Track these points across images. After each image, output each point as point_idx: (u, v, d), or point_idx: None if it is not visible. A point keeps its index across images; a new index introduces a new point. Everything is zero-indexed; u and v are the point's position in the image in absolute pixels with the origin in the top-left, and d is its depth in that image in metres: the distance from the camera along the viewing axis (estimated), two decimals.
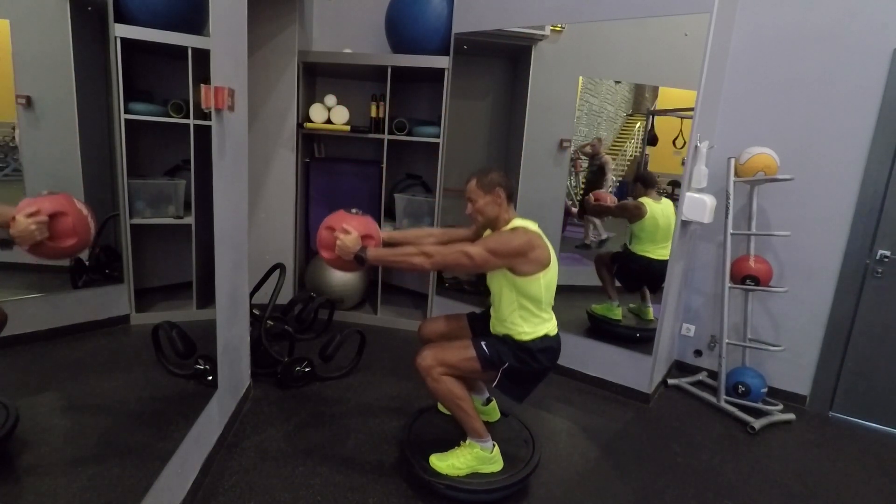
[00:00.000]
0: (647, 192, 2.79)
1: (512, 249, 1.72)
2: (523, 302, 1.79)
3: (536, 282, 1.76)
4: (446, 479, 1.79)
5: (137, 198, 1.84)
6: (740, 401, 2.65)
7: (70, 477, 1.41)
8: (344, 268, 1.95)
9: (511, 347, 1.80)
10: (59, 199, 1.24)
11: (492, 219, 1.84)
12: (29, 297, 1.46)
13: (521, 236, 1.74)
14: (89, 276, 1.66)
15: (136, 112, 1.78)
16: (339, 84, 3.57)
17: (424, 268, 1.76)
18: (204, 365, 1.94)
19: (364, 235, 1.87)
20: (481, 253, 1.70)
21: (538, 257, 1.74)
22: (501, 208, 1.83)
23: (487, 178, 1.81)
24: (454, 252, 1.73)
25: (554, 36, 2.87)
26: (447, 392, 1.77)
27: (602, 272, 3.01)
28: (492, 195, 1.81)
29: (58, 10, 1.47)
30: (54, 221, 1.20)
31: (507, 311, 1.82)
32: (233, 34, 1.92)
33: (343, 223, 1.86)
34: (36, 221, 1.16)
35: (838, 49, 2.54)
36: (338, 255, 1.85)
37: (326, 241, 1.90)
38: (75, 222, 1.24)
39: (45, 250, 1.21)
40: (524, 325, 1.81)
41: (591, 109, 3.02)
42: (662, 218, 2.71)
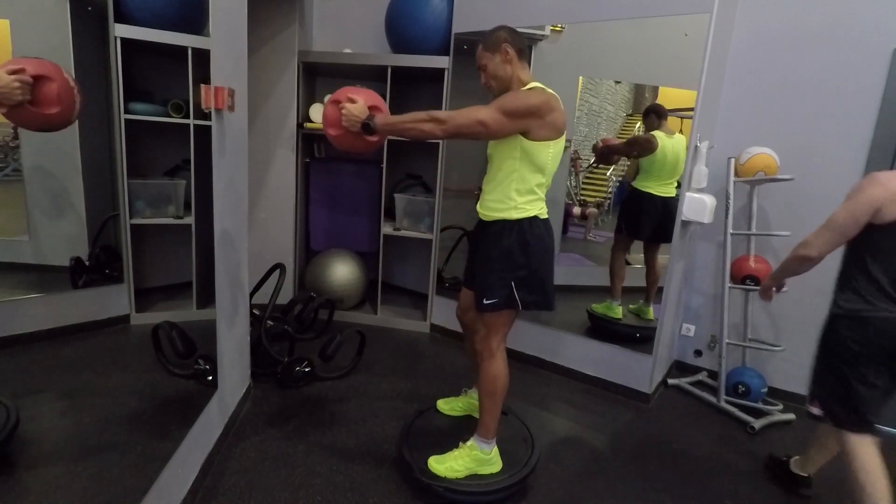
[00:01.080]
0: (661, 123, 2.72)
1: (529, 107, 1.59)
2: (525, 173, 1.67)
3: (546, 149, 1.64)
4: (444, 481, 1.79)
5: (137, 198, 1.84)
6: (740, 401, 2.65)
7: (70, 477, 1.41)
8: (354, 144, 1.80)
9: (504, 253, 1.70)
10: (47, 63, 1.17)
11: (506, 80, 1.71)
12: (29, 297, 1.46)
13: (537, 94, 1.62)
14: (89, 276, 1.66)
15: (136, 112, 1.78)
16: (339, 84, 3.52)
17: (435, 135, 1.62)
18: (204, 365, 1.94)
19: (371, 106, 1.77)
20: (495, 116, 1.57)
21: (555, 121, 1.62)
22: (514, 67, 1.70)
23: (492, 36, 1.70)
24: (467, 118, 1.59)
25: (554, 36, 2.87)
26: (497, 377, 1.76)
27: (616, 262, 2.93)
28: (499, 54, 1.70)
29: (58, 10, 1.47)
30: (38, 85, 1.12)
31: (506, 181, 1.70)
32: (233, 34, 1.92)
33: (348, 94, 1.76)
34: (18, 79, 1.08)
35: (838, 49, 2.54)
36: (345, 129, 1.74)
37: (332, 117, 1.77)
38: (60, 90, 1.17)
39: (26, 115, 1.14)
40: (519, 198, 1.69)
41: (591, 109, 3.02)
42: (671, 153, 2.66)
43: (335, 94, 1.82)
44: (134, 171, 1.78)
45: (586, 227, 3.27)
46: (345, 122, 1.72)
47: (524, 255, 1.70)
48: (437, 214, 3.24)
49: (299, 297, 2.95)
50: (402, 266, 3.88)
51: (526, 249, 1.70)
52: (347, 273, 3.36)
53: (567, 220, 3.20)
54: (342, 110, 1.72)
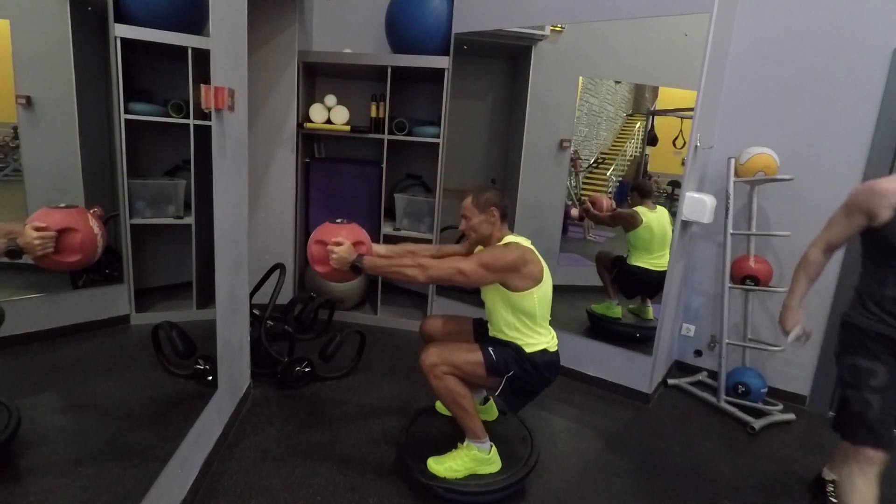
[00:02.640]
0: (644, 201, 2.81)
1: (505, 264, 1.74)
2: (519, 316, 1.81)
3: (530, 297, 1.78)
4: (444, 482, 1.79)
5: (137, 198, 1.84)
6: (740, 401, 2.65)
7: (70, 477, 1.41)
8: (341, 279, 1.97)
9: (515, 356, 1.81)
10: (72, 214, 1.28)
11: (485, 236, 1.87)
12: (29, 297, 1.46)
13: (513, 251, 1.76)
14: (89, 276, 1.66)
15: (136, 112, 1.78)
16: (339, 84, 3.57)
17: (418, 280, 1.77)
18: (204, 365, 1.94)
19: (355, 243, 1.89)
20: (474, 268, 1.73)
21: (531, 272, 1.77)
22: (495, 227, 1.86)
23: (483, 197, 1.84)
24: (448, 267, 1.75)
25: (554, 36, 2.87)
26: (449, 390, 1.78)
27: (602, 272, 3.01)
28: (486, 214, 1.84)
29: (58, 10, 1.47)
30: (63, 236, 1.24)
31: (502, 325, 1.85)
32: (233, 34, 1.92)
33: (332, 235, 1.88)
34: (41, 237, 1.20)
35: (838, 49, 2.54)
36: (334, 268, 1.86)
37: (319, 256, 1.91)
38: (83, 240, 1.28)
39: (49, 263, 1.25)
40: (521, 336, 1.83)
41: (591, 109, 3.02)
42: (658, 227, 2.73)
43: (318, 234, 1.94)
44: (134, 171, 1.78)
45: (585, 227, 3.27)
46: (334, 265, 1.85)
47: (536, 372, 1.82)
48: (437, 214, 3.24)
49: (299, 297, 2.95)
50: None
51: (538, 369, 1.82)
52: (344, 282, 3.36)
53: (567, 220, 3.20)
54: (331, 254, 1.83)
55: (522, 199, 3.08)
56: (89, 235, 1.30)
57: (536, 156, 3.07)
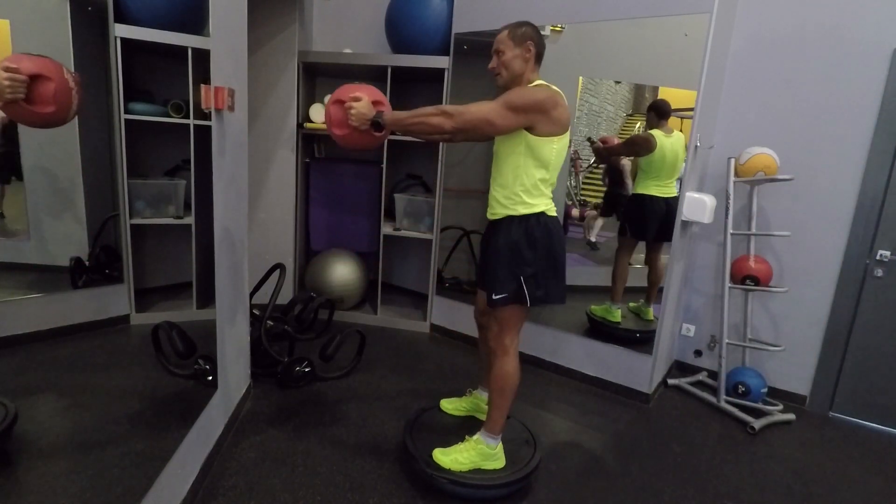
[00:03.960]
0: (660, 123, 2.70)
1: (535, 102, 1.62)
2: (530, 168, 1.69)
3: (550, 145, 1.67)
4: (449, 473, 1.79)
5: (137, 198, 1.84)
6: (740, 401, 2.65)
7: (70, 477, 1.41)
8: (361, 141, 1.80)
9: (512, 249, 1.71)
10: (45, 62, 1.17)
11: (516, 75, 1.74)
12: (29, 297, 1.46)
13: (544, 90, 1.65)
14: (89, 276, 1.66)
15: (136, 112, 1.78)
16: (339, 84, 3.55)
17: (444, 129, 1.65)
18: (204, 365, 1.94)
19: (374, 101, 1.77)
20: (501, 111, 1.61)
21: (559, 117, 1.65)
22: (528, 66, 1.73)
23: (520, 30, 1.72)
24: (475, 113, 1.62)
25: (554, 36, 2.87)
26: (509, 375, 1.77)
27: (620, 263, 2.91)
28: (522, 48, 1.71)
29: (58, 10, 1.47)
30: (35, 84, 1.13)
31: (512, 177, 1.72)
32: (233, 34, 1.92)
33: (350, 92, 1.77)
34: (11, 78, 1.09)
35: (838, 49, 2.54)
36: (353, 128, 1.74)
37: (337, 117, 1.77)
38: (57, 90, 1.17)
39: (21, 112, 1.14)
40: (525, 196, 1.72)
41: (591, 109, 3.02)
42: (670, 153, 2.64)
43: (337, 94, 1.82)
44: (134, 171, 1.77)
45: (585, 227, 3.27)
46: (353, 122, 1.73)
47: (532, 249, 1.72)
48: (437, 214, 3.24)
49: (299, 297, 2.95)
50: (402, 266, 3.88)
51: (533, 244, 1.72)
52: (347, 273, 3.36)
53: (567, 220, 3.20)
54: (349, 110, 1.73)
55: None
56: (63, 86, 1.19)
57: None
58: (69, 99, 1.21)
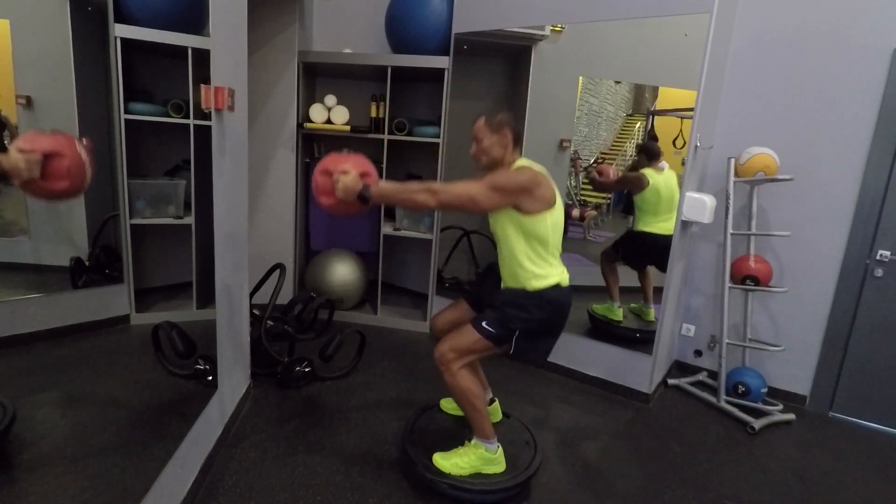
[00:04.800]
0: (651, 163, 2.75)
1: (517, 185, 1.67)
2: (531, 244, 1.74)
3: (543, 221, 1.72)
4: (449, 478, 1.79)
5: (137, 198, 1.84)
6: (740, 401, 2.65)
7: (70, 477, 1.41)
8: (348, 211, 1.85)
9: (520, 303, 1.75)
10: (58, 139, 1.21)
11: (496, 160, 1.79)
12: (29, 297, 1.46)
13: (525, 173, 1.70)
14: (89, 276, 1.66)
15: (136, 112, 1.78)
16: (339, 84, 3.57)
17: (429, 205, 1.69)
18: (204, 365, 1.94)
19: (362, 174, 1.80)
20: (485, 192, 1.66)
21: (544, 195, 1.70)
22: (507, 150, 1.79)
23: (496, 118, 1.77)
24: (459, 192, 1.68)
25: (554, 36, 2.87)
26: (464, 388, 1.76)
27: (606, 269, 2.97)
28: (499, 135, 1.77)
29: (58, 10, 1.47)
30: (49, 161, 1.17)
31: (514, 255, 1.77)
32: (233, 34, 1.92)
33: (338, 165, 1.78)
34: (26, 160, 1.13)
35: (838, 49, 2.54)
36: (340, 199, 1.77)
37: (324, 187, 1.80)
38: (70, 165, 1.20)
39: (36, 189, 1.18)
40: (534, 268, 1.75)
41: (591, 109, 3.02)
42: (665, 189, 2.68)
43: (324, 164, 1.84)
44: (134, 171, 1.78)
45: (585, 227, 3.27)
46: (339, 194, 1.76)
47: (540, 312, 1.76)
48: (438, 214, 3.24)
49: (299, 297, 2.95)
50: (402, 266, 3.88)
51: (542, 309, 1.76)
52: (347, 273, 3.36)
53: (567, 220, 3.20)
54: (337, 182, 1.75)
55: None
56: (77, 161, 1.22)
57: (536, 156, 3.02)
58: (83, 172, 1.26)
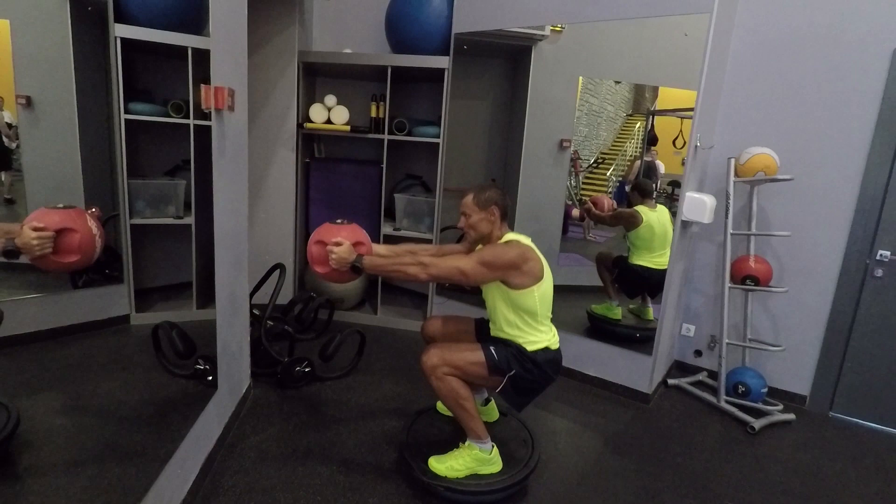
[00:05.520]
0: (644, 200, 2.81)
1: (505, 262, 1.74)
2: (520, 314, 1.81)
3: (531, 295, 1.78)
4: (445, 481, 1.79)
5: (137, 198, 1.84)
6: (740, 401, 2.65)
7: (70, 477, 1.41)
8: (340, 279, 1.96)
9: (516, 355, 1.81)
10: (70, 215, 1.27)
11: (485, 235, 1.87)
12: (29, 297, 1.46)
13: (513, 248, 1.77)
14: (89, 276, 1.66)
15: (136, 112, 1.78)
16: (339, 84, 3.57)
17: (419, 278, 1.77)
18: (204, 365, 1.94)
19: (355, 243, 1.88)
20: (475, 267, 1.73)
21: (531, 270, 1.77)
22: (495, 226, 1.86)
23: (484, 195, 1.84)
24: (449, 266, 1.75)
25: (554, 36, 2.87)
26: (451, 391, 1.77)
27: (603, 272, 3.01)
28: (486, 212, 1.84)
29: (58, 10, 1.47)
30: (60, 236, 1.23)
31: (503, 323, 1.85)
32: (233, 34, 1.92)
33: (332, 236, 1.87)
34: (39, 237, 1.19)
35: (838, 49, 2.54)
36: (334, 269, 1.85)
37: (319, 257, 1.91)
38: (81, 241, 1.27)
39: (48, 263, 1.24)
40: (523, 334, 1.83)
41: (591, 109, 3.02)
42: (658, 226, 2.73)
43: (318, 234, 1.93)
44: (134, 171, 1.77)
45: (584, 227, 3.27)
46: (333, 265, 1.83)
47: (538, 371, 1.82)
48: (437, 214, 3.24)
49: (299, 297, 2.95)
50: None
51: (540, 368, 1.82)
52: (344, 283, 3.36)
53: (567, 220, 3.20)
54: (331, 253, 1.82)
55: (522, 199, 3.08)
56: (88, 236, 1.29)
57: (536, 156, 3.07)
58: (93, 245, 1.32)
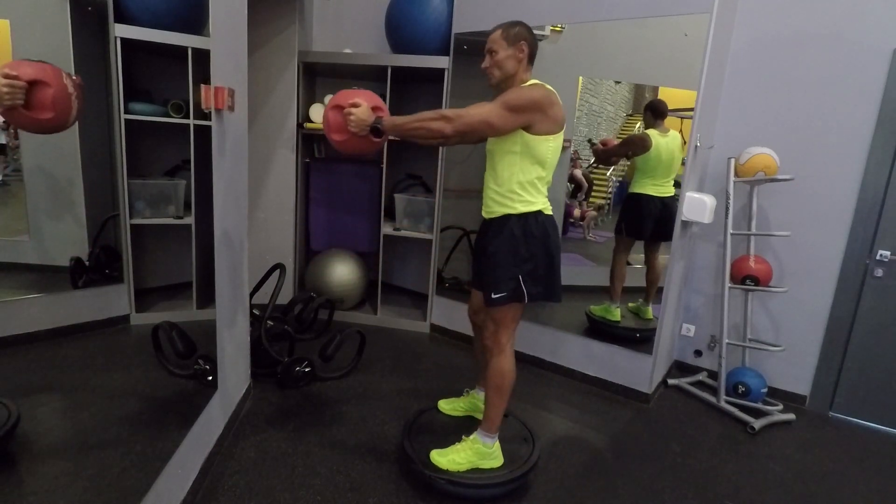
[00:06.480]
0: (656, 122, 2.71)
1: (532, 101, 1.63)
2: (527, 166, 1.70)
3: (546, 143, 1.69)
4: (446, 474, 1.79)
5: (137, 198, 1.84)
6: (740, 401, 2.65)
7: (70, 477, 1.41)
8: (360, 146, 1.82)
9: (509, 240, 1.72)
10: (45, 68, 1.18)
11: (509, 75, 1.74)
12: (29, 297, 1.46)
13: (539, 89, 1.67)
14: (89, 276, 1.66)
15: (136, 112, 1.78)
16: (339, 84, 3.55)
17: (444, 133, 1.65)
18: (204, 365, 1.94)
19: (373, 107, 1.78)
20: (501, 113, 1.62)
21: (556, 115, 1.67)
22: (521, 65, 1.74)
23: (514, 29, 1.72)
24: (474, 116, 1.63)
25: (554, 36, 2.87)
26: (506, 373, 1.78)
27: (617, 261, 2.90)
28: (515, 48, 1.72)
29: (58, 10, 1.47)
30: (33, 90, 1.14)
31: (506, 176, 1.72)
32: (233, 34, 1.92)
33: (348, 99, 1.77)
34: (10, 84, 1.10)
35: (838, 49, 2.54)
36: (352, 134, 1.75)
37: (336, 123, 1.78)
38: (56, 96, 1.18)
39: (20, 118, 1.16)
40: (520, 191, 1.72)
41: (591, 109, 3.02)
42: (666, 152, 2.67)
43: (335, 99, 1.83)
44: (134, 171, 1.77)
45: (585, 227, 3.27)
46: (352, 128, 1.74)
47: (529, 247, 1.73)
48: (437, 214, 3.24)
49: (299, 297, 2.95)
50: (402, 266, 3.88)
51: (531, 242, 1.73)
52: (347, 273, 3.36)
53: (567, 220, 3.20)
54: (349, 115, 1.74)
55: None
56: (63, 92, 1.19)
57: None
58: (68, 105, 1.22)
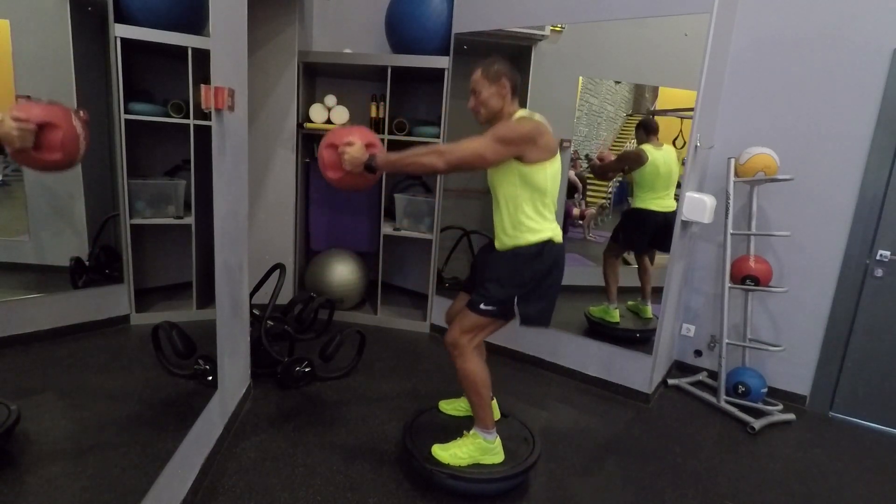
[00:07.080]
0: (649, 138, 2.76)
1: (522, 134, 1.67)
2: (528, 195, 1.74)
3: (543, 171, 1.72)
4: (448, 468, 1.80)
5: (137, 198, 1.84)
6: (740, 401, 2.65)
7: (70, 477, 1.41)
8: (355, 184, 1.85)
9: (516, 263, 1.75)
10: (54, 109, 1.20)
11: (495, 112, 1.78)
12: (29, 297, 1.46)
13: (528, 122, 1.70)
14: (89, 276, 1.66)
15: (136, 112, 1.78)
16: (339, 84, 3.57)
17: (437, 167, 1.69)
18: (204, 365, 1.94)
19: (367, 144, 1.81)
20: (491, 145, 1.66)
21: (547, 143, 1.71)
22: (505, 101, 1.78)
23: (493, 68, 1.76)
24: (466, 149, 1.67)
25: (554, 36, 2.87)
26: (473, 373, 1.78)
27: (608, 264, 2.94)
28: (497, 85, 1.75)
29: (58, 10, 1.47)
30: (43, 132, 1.15)
31: (511, 209, 1.77)
32: (233, 34, 1.92)
33: (342, 137, 1.80)
34: (20, 128, 1.12)
35: (838, 49, 2.54)
36: (347, 172, 1.78)
37: (331, 161, 1.82)
38: (64, 137, 1.19)
39: (29, 160, 1.17)
40: (529, 222, 1.75)
41: (591, 109, 3.02)
42: (663, 165, 2.69)
43: (329, 138, 1.86)
44: (134, 171, 1.78)
45: (584, 227, 3.27)
46: (347, 166, 1.77)
47: (535, 274, 1.76)
48: (437, 214, 3.24)
49: (299, 297, 2.95)
50: (402, 266, 3.88)
51: (537, 270, 1.76)
52: (347, 273, 3.36)
53: (567, 220, 3.20)
54: (343, 154, 1.76)
55: None
56: (71, 134, 1.21)
57: None
58: (76, 145, 1.24)
